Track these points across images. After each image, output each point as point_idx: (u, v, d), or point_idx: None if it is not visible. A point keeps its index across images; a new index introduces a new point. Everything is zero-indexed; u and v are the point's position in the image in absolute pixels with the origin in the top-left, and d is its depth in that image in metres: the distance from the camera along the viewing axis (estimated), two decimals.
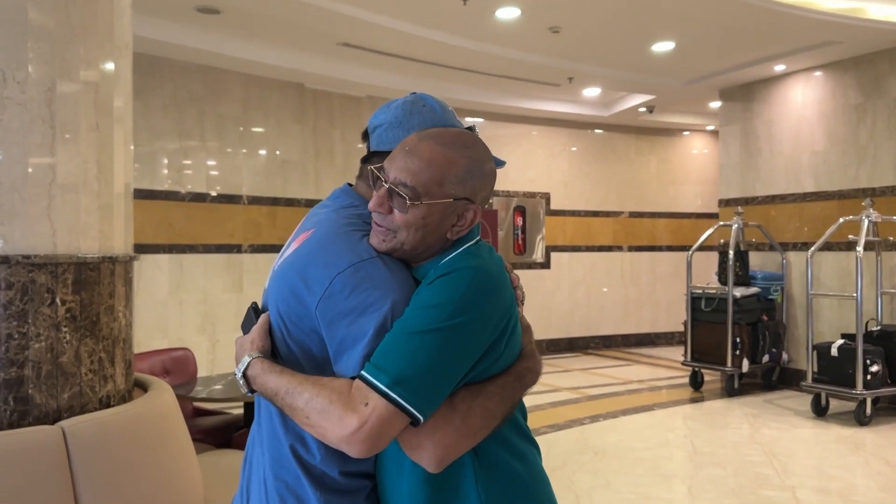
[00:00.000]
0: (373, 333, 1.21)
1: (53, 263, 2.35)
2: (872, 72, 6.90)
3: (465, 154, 1.28)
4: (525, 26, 6.33)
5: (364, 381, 1.14)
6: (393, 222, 1.25)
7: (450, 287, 1.19)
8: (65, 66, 2.42)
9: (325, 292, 1.25)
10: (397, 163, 1.25)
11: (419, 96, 1.46)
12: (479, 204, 1.31)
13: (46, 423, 2.31)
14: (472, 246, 1.31)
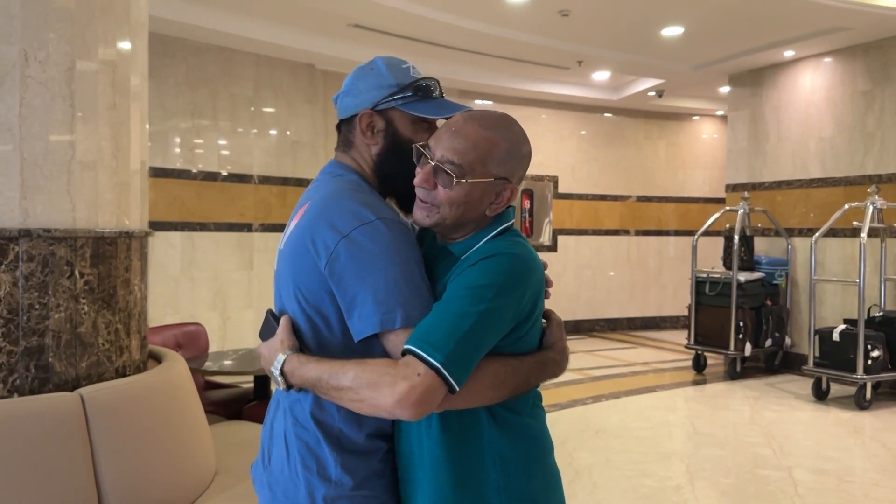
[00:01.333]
0: (382, 288, 1.29)
1: (73, 237, 2.44)
2: (882, 59, 6.89)
3: (506, 136, 1.37)
4: (535, 9, 6.35)
5: (415, 356, 1.23)
6: (437, 198, 1.35)
7: (493, 270, 1.28)
8: (84, 46, 2.50)
9: (332, 254, 1.33)
10: (444, 142, 1.35)
11: (373, 60, 1.52)
12: (515, 184, 1.40)
13: (66, 389, 2.42)
14: (510, 230, 1.41)
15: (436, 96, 1.51)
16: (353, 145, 1.51)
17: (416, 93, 1.47)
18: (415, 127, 1.49)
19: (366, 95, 1.48)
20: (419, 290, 1.32)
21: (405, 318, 1.28)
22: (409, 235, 1.37)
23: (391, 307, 1.28)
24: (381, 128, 1.48)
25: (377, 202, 1.41)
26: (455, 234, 1.40)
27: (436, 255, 1.44)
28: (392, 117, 1.47)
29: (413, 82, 1.48)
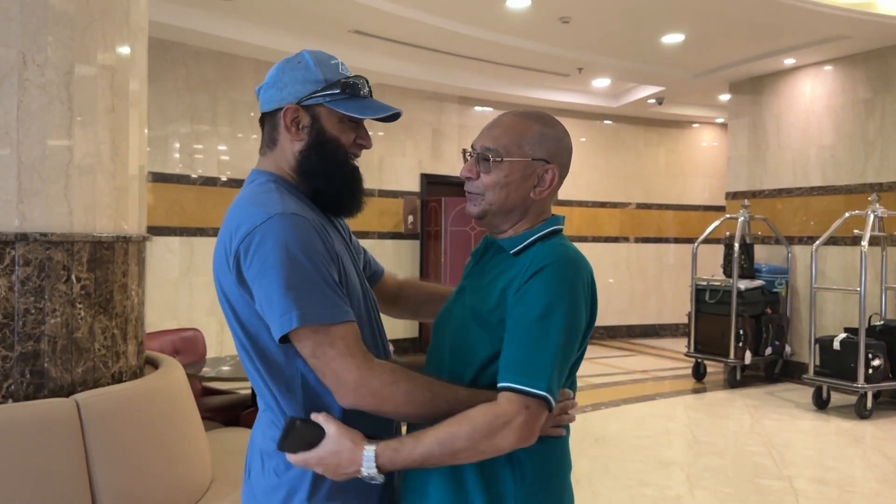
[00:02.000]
0: (276, 289, 1.27)
1: (69, 241, 2.43)
2: (882, 67, 6.90)
3: (539, 122, 1.43)
4: (535, 16, 6.35)
5: (516, 392, 1.25)
6: (480, 185, 1.41)
7: (551, 284, 1.30)
8: (83, 50, 2.49)
9: (238, 258, 1.32)
10: (481, 135, 1.42)
11: (300, 53, 1.47)
12: (559, 166, 1.43)
13: (61, 395, 2.39)
14: (559, 233, 1.43)
15: (364, 95, 1.47)
16: (276, 143, 1.47)
17: (344, 90, 1.43)
18: (342, 126, 1.46)
19: (291, 89, 1.43)
20: (316, 286, 1.28)
21: (301, 317, 1.26)
22: (310, 229, 1.32)
23: (287, 308, 1.26)
24: (306, 124, 1.44)
25: (279, 198, 1.36)
26: (503, 224, 1.43)
27: (485, 249, 1.47)
28: (318, 114, 1.44)
29: (342, 79, 1.44)
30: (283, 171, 1.47)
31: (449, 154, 9.13)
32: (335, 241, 1.42)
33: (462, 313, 1.42)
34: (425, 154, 8.94)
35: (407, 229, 8.79)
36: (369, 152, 6.77)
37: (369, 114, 1.47)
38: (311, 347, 1.28)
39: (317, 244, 1.32)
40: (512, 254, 1.39)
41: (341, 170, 1.46)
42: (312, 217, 1.36)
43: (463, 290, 1.47)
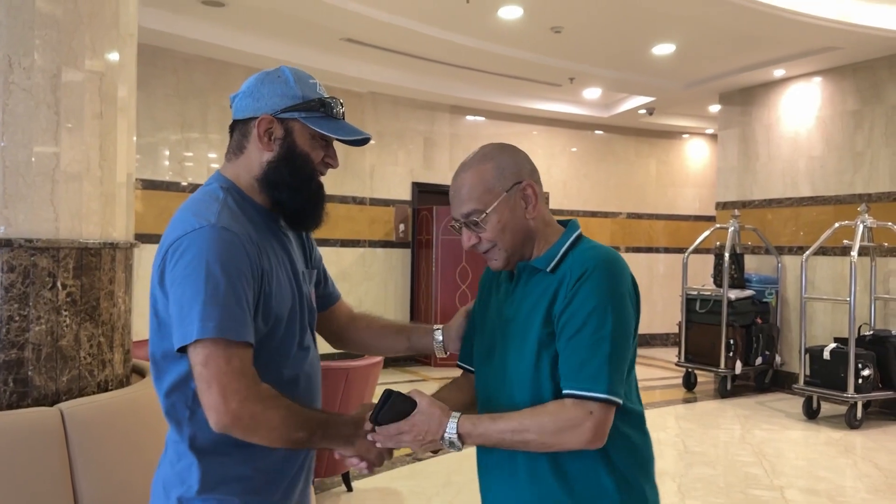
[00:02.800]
0: (187, 300, 1.31)
1: (55, 248, 2.39)
2: (871, 78, 6.94)
3: (488, 159, 1.47)
4: (527, 26, 6.37)
5: (582, 398, 1.33)
6: (487, 241, 1.46)
7: (598, 287, 1.36)
8: (71, 54, 2.46)
9: (165, 261, 1.36)
10: (454, 206, 1.48)
11: (280, 68, 1.51)
12: (528, 178, 1.47)
13: (45, 404, 2.35)
14: (582, 237, 1.48)
15: (337, 116, 1.51)
16: (243, 150, 1.50)
17: (319, 109, 1.48)
18: (313, 143, 1.49)
19: (268, 101, 1.46)
20: (225, 303, 1.30)
21: (202, 329, 1.29)
22: (236, 245, 1.35)
23: (193, 319, 1.29)
24: (278, 136, 1.47)
25: (217, 210, 1.38)
26: (526, 253, 1.48)
27: (519, 274, 1.49)
28: (292, 128, 1.47)
29: (318, 98, 1.49)
30: (241, 179, 1.50)
31: (441, 163, 9.13)
32: (271, 257, 1.44)
33: (520, 339, 1.45)
34: (417, 163, 8.93)
35: (398, 238, 8.77)
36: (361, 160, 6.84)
37: (342, 134, 1.50)
38: (205, 357, 1.30)
39: (239, 260, 1.34)
40: (549, 271, 1.44)
41: (307, 184, 1.50)
42: (245, 232, 1.38)
43: (511, 320, 1.48)
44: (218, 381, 1.30)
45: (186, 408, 1.41)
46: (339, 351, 7.09)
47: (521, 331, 1.45)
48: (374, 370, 4.03)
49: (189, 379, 1.37)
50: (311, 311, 1.56)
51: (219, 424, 1.31)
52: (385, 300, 8.69)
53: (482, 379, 1.56)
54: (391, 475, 4.63)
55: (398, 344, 1.81)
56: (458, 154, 9.25)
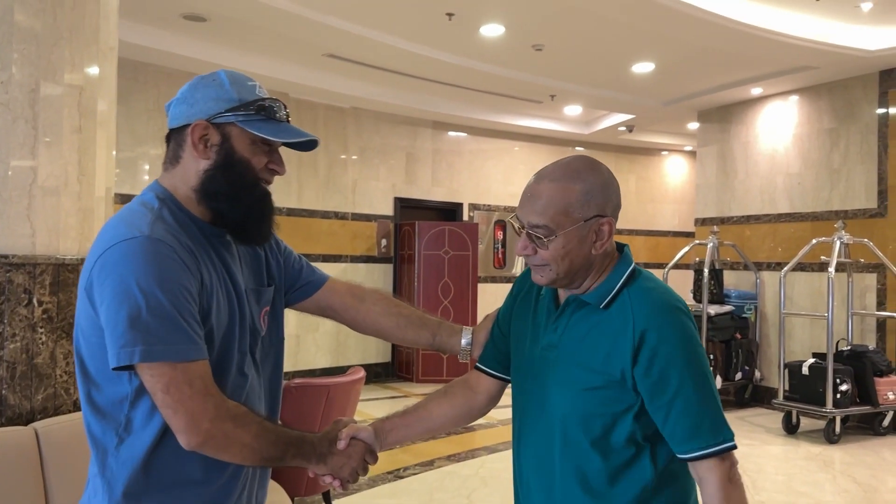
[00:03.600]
0: (124, 318, 1.22)
1: (32, 264, 2.36)
2: (846, 97, 7.06)
3: (579, 179, 1.38)
4: (509, 43, 6.41)
5: (719, 454, 1.34)
6: (542, 259, 1.39)
7: (685, 336, 1.35)
8: (50, 68, 2.44)
9: (93, 274, 1.27)
10: (524, 209, 1.39)
11: (216, 72, 1.42)
12: (612, 215, 1.41)
13: (19, 423, 2.31)
14: (637, 271, 1.43)
15: (280, 119, 1.42)
16: (179, 160, 1.41)
17: (259, 112, 1.39)
18: (254, 148, 1.40)
19: (202, 105, 1.38)
20: (169, 320, 1.23)
21: (146, 352, 1.22)
22: (172, 258, 1.27)
23: (131, 340, 1.21)
24: (215, 142, 1.38)
25: (150, 220, 1.30)
26: (576, 282, 1.42)
27: (568, 304, 1.44)
28: (229, 133, 1.38)
29: (257, 101, 1.39)
30: (178, 190, 1.40)
31: (423, 178, 9.14)
32: (211, 274, 1.36)
33: (563, 370, 1.41)
34: (399, 178, 8.94)
35: (380, 253, 8.75)
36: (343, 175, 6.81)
37: (284, 137, 1.41)
38: (166, 383, 1.23)
39: (177, 274, 1.26)
40: (602, 307, 1.39)
41: (249, 193, 1.41)
42: (180, 244, 1.30)
43: (553, 347, 1.44)
44: (184, 406, 1.24)
45: (116, 435, 1.31)
46: (321, 367, 6.96)
47: (563, 363, 1.41)
48: (356, 387, 4.00)
49: (124, 402, 1.29)
50: (253, 333, 1.46)
51: (190, 445, 1.26)
52: None
53: (516, 401, 1.53)
54: (373, 493, 4.59)
55: (421, 338, 1.70)
56: (441, 169, 9.28)
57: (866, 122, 6.88)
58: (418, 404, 1.62)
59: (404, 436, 1.58)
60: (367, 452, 1.49)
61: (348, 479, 1.45)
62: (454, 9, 5.62)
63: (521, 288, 1.58)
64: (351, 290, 1.71)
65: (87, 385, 1.33)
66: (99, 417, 1.32)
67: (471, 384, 1.63)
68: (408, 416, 1.59)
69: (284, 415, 3.68)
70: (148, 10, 5.67)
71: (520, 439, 1.50)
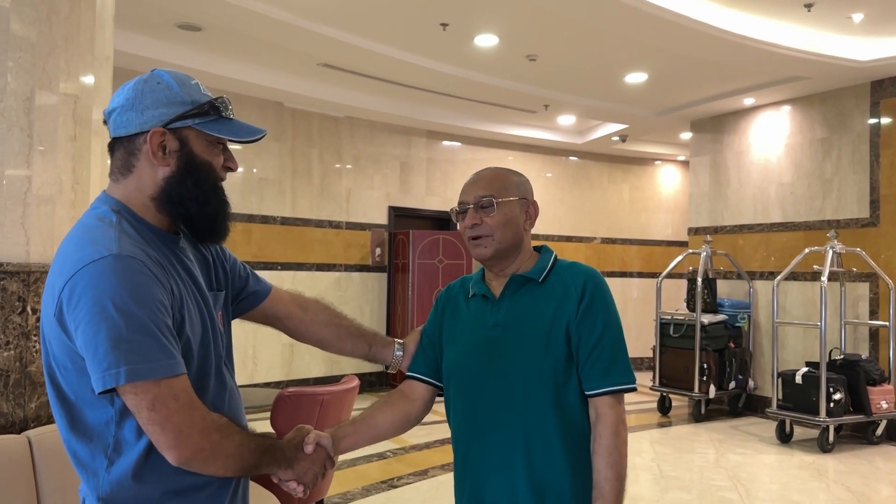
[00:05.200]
0: (103, 340, 1.19)
1: (26, 272, 2.36)
2: (838, 107, 7.12)
3: (511, 173, 1.71)
4: (503, 53, 6.45)
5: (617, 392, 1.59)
6: (487, 228, 1.63)
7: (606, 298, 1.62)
8: (45, 77, 2.45)
9: (62, 299, 1.23)
10: (469, 191, 1.67)
11: (154, 73, 1.39)
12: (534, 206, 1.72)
13: (13, 432, 2.30)
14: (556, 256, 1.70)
15: (229, 116, 1.42)
16: (132, 169, 1.36)
17: (210, 112, 1.38)
18: (211, 149, 1.39)
19: (154, 112, 1.34)
20: (149, 337, 1.21)
21: (130, 372, 1.19)
22: (143, 273, 1.24)
23: (114, 362, 1.19)
24: (173, 148, 1.35)
25: (114, 236, 1.27)
26: (508, 261, 1.66)
27: (510, 284, 1.65)
28: (187, 137, 1.36)
29: (208, 101, 1.38)
30: (132, 200, 1.36)
31: (417, 187, 9.15)
32: (178, 279, 1.34)
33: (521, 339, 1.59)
34: (393, 187, 8.95)
35: (374, 262, 8.75)
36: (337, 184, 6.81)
37: (240, 135, 1.41)
38: (151, 400, 1.21)
39: (151, 289, 1.24)
40: (540, 281, 1.64)
41: (214, 194, 1.40)
42: (149, 257, 1.28)
43: (501, 324, 1.62)
44: (171, 422, 1.23)
45: (105, 457, 1.29)
46: (315, 376, 6.93)
47: (512, 333, 1.60)
48: (350, 396, 4.00)
49: (110, 424, 1.27)
50: (223, 335, 1.47)
51: (180, 461, 1.25)
52: None
53: (465, 385, 1.65)
54: (367, 502, 4.58)
55: (358, 349, 1.77)
56: (435, 179, 9.29)
57: (858, 132, 6.93)
58: (365, 414, 1.71)
59: (355, 442, 1.65)
60: (327, 458, 1.53)
61: (310, 485, 1.47)
62: (448, 19, 5.65)
63: (446, 300, 1.78)
64: (295, 299, 1.74)
65: (67, 412, 1.30)
66: (85, 442, 1.29)
67: (406, 393, 1.75)
68: (357, 425, 1.68)
69: (278, 424, 3.68)
70: (143, 19, 5.68)
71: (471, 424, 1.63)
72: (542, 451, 1.56)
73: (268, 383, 7.56)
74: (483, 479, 1.60)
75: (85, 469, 1.31)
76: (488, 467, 1.59)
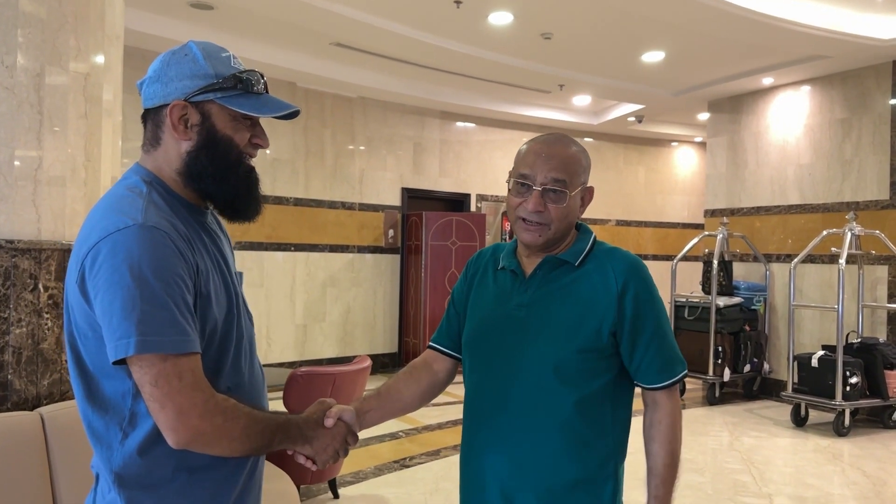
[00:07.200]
0: (119, 309, 1.17)
1: (37, 249, 2.35)
2: (859, 87, 6.99)
3: (578, 148, 1.58)
4: (517, 31, 6.37)
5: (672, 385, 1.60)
6: (549, 217, 1.52)
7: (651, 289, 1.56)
8: (55, 54, 2.43)
9: (84, 266, 1.22)
10: (541, 167, 1.52)
11: (187, 44, 1.36)
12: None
13: (25, 408, 2.31)
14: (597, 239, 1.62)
15: (259, 91, 1.37)
16: (159, 142, 1.36)
17: (237, 86, 1.34)
18: (235, 124, 1.35)
19: (178, 84, 1.32)
20: (163, 310, 1.19)
21: (141, 343, 1.17)
22: (167, 245, 1.22)
23: (127, 331, 1.17)
24: (195, 122, 1.33)
25: (142, 206, 1.25)
26: (558, 245, 1.57)
27: (543, 265, 1.56)
28: (209, 111, 1.33)
29: (234, 74, 1.34)
30: (162, 172, 1.36)
31: (430, 168, 9.11)
32: (205, 257, 1.33)
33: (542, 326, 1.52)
34: (407, 168, 8.91)
35: (387, 243, 8.74)
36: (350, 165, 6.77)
37: (266, 111, 1.36)
38: (154, 375, 1.19)
39: (173, 262, 1.22)
40: (576, 265, 1.55)
41: (234, 171, 1.36)
42: (175, 230, 1.26)
43: (528, 305, 1.55)
44: (172, 401, 1.19)
45: (120, 430, 1.28)
46: (328, 356, 6.95)
47: (535, 318, 1.53)
48: (362, 375, 4.00)
49: (127, 396, 1.26)
50: (249, 315, 1.45)
51: (179, 443, 1.22)
52: (374, 306, 8.66)
53: (479, 362, 1.60)
54: (378, 482, 4.59)
55: None
56: (448, 159, 9.25)
57: (879, 112, 6.80)
58: (388, 386, 1.68)
59: (381, 416, 1.63)
60: (349, 433, 1.50)
61: (330, 460, 1.45)
62: None
63: (476, 268, 1.70)
64: None
65: (85, 382, 1.29)
66: (101, 413, 1.28)
67: (429, 363, 1.73)
68: (382, 398, 1.65)
69: (290, 403, 3.68)
70: None
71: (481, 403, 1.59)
72: (549, 440, 1.51)
73: (281, 363, 7.59)
74: (485, 461, 1.58)
75: (99, 441, 1.30)
76: (492, 449, 1.56)
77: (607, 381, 1.55)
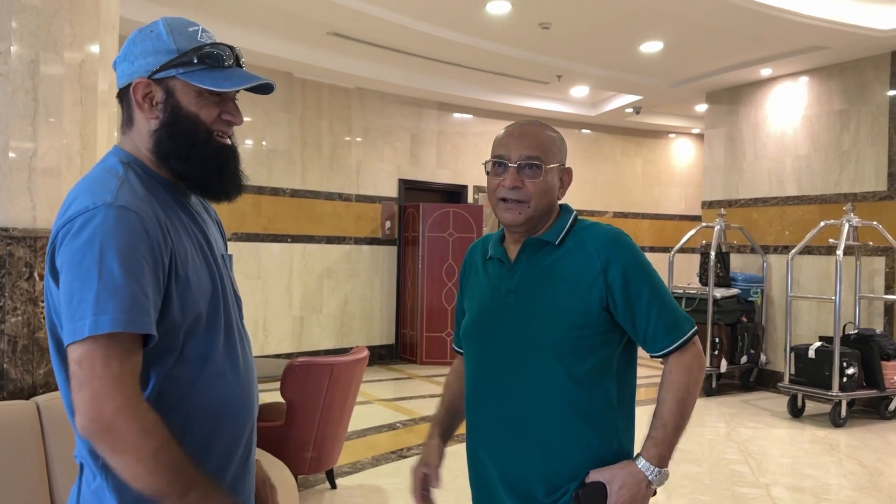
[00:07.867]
0: (77, 290, 1.14)
1: (32, 237, 2.34)
2: (857, 78, 6.98)
3: (553, 131, 1.60)
4: (515, 21, 6.34)
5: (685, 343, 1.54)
6: (526, 193, 1.53)
7: (637, 257, 1.53)
8: (50, 41, 2.41)
9: (55, 243, 1.20)
10: (516, 145, 1.54)
11: (155, 21, 1.32)
12: None
13: (21, 397, 2.30)
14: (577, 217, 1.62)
15: (227, 65, 1.32)
16: (133, 122, 1.32)
17: (202, 61, 1.29)
18: (201, 100, 1.30)
19: (141, 61, 1.28)
20: (119, 293, 1.13)
21: (94, 324, 1.12)
22: (135, 227, 1.18)
23: (83, 314, 1.12)
24: (159, 99, 1.29)
25: (115, 186, 1.22)
26: (539, 225, 1.57)
27: (525, 248, 1.57)
28: (173, 87, 1.28)
29: (197, 48, 1.29)
30: (140, 152, 1.32)
31: (427, 160, 9.09)
32: (183, 239, 1.28)
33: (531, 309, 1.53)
34: (404, 159, 8.89)
35: (384, 235, 8.72)
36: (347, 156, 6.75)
37: (229, 85, 1.30)
38: (80, 355, 1.12)
39: (140, 245, 1.17)
40: (556, 244, 1.55)
41: (199, 150, 1.31)
42: (148, 211, 1.22)
43: (515, 290, 1.56)
44: (90, 385, 1.12)
45: None
46: (325, 348, 6.93)
47: (525, 302, 1.53)
48: (360, 366, 3.99)
49: None
50: (236, 300, 1.40)
51: (85, 430, 1.13)
52: (371, 298, 8.65)
53: (475, 353, 1.63)
54: (375, 472, 4.59)
55: None
56: (445, 151, 9.22)
57: (877, 103, 6.79)
58: (449, 395, 1.79)
59: (461, 421, 1.75)
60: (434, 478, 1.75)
61: None
62: None
63: (468, 262, 1.73)
64: None
65: (66, 369, 1.22)
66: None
67: (459, 368, 1.79)
68: (454, 406, 1.77)
69: (288, 393, 3.68)
70: None
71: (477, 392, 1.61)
72: (549, 424, 1.51)
73: (278, 355, 7.58)
74: (489, 451, 1.59)
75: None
76: (496, 439, 1.57)
77: (607, 357, 1.54)
